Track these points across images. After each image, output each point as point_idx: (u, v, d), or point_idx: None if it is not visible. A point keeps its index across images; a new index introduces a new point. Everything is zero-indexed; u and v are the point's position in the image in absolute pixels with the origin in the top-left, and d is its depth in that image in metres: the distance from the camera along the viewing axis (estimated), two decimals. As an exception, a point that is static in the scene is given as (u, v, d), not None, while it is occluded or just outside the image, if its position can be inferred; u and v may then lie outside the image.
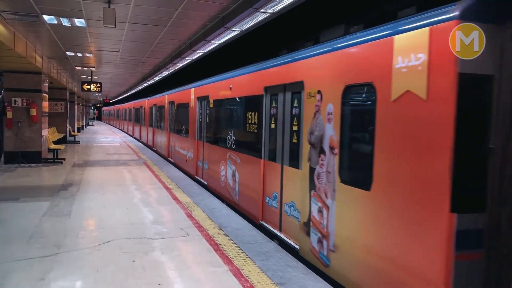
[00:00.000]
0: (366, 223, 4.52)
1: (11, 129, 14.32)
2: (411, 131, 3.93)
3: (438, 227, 3.59)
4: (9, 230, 6.70)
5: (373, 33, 4.65)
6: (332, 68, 5.36)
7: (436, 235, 3.60)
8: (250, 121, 8.07)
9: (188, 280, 4.85)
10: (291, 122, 6.55)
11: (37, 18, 9.14)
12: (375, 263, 4.35)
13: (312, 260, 5.64)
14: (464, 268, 3.52)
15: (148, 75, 21.36)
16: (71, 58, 15.73)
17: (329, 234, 5.19)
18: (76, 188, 10.32)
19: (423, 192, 3.77)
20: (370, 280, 4.41)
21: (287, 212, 6.51)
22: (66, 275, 4.90)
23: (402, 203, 4.01)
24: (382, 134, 4.32)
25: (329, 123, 5.26)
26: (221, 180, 9.83)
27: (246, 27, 8.64)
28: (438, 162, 3.60)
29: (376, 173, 4.35)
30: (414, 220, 3.83)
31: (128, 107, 36.65)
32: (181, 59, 13.53)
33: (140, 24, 9.79)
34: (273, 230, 6.98)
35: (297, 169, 6.18)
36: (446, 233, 3.51)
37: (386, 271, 4.19)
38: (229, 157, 9.24)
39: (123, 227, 6.92)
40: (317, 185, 5.52)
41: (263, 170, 7.47)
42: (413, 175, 3.89)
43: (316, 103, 5.59)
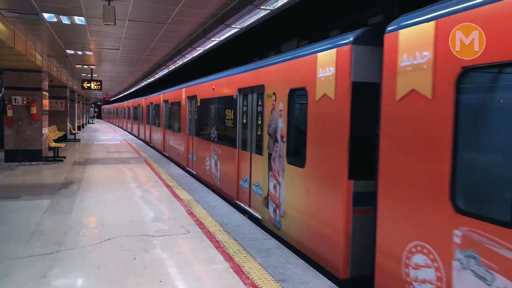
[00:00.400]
0: (301, 192, 6.08)
1: (12, 128, 14.32)
2: (325, 123, 5.47)
3: (340, 190, 5.09)
4: (10, 228, 6.71)
5: (306, 49, 6.12)
6: (282, 75, 6.82)
7: (340, 196, 5.11)
8: (228, 118, 9.57)
9: (189, 277, 4.85)
10: (256, 117, 7.99)
11: (37, 16, 9.12)
12: (306, 220, 5.93)
13: (270, 226, 7.12)
14: (359, 219, 4.98)
15: (148, 73, 21.34)
16: (71, 56, 15.71)
17: (280, 204, 6.74)
18: (77, 186, 10.33)
19: (332, 166, 5.30)
20: (303, 233, 5.99)
21: (254, 191, 7.98)
22: (67, 273, 4.91)
23: (321, 175, 5.59)
24: (311, 126, 5.84)
25: (280, 118, 6.78)
26: (207, 169, 11.37)
27: (246, 24, 8.61)
28: (340, 144, 5.13)
29: (308, 154, 5.89)
30: (327, 186, 5.40)
31: (127, 105, 38.30)
32: (181, 56, 13.51)
33: (140, 22, 9.77)
34: (244, 206, 8.41)
35: (261, 155, 7.63)
36: (346, 194, 5.02)
37: (312, 225, 5.76)
38: (213, 149, 10.84)
39: (124, 225, 6.93)
40: (273, 167, 7.05)
41: (238, 158, 8.96)
42: (326, 154, 5.45)
43: (272, 102, 7.08)
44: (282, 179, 6.66)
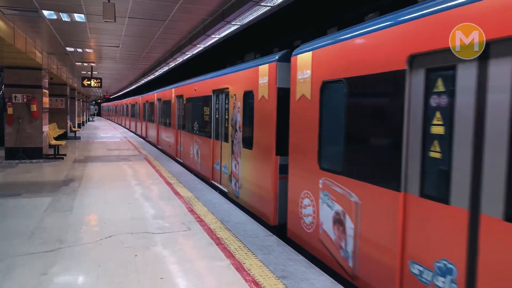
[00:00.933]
0: (248, 167, 8.21)
1: (12, 125, 14.32)
2: (263, 117, 7.43)
3: (272, 163, 7.09)
4: (12, 226, 6.72)
5: (253, 63, 8.12)
6: (239, 80, 8.83)
7: (271, 168, 7.10)
8: (206, 113, 11.54)
9: (190, 274, 4.86)
10: (225, 113, 9.94)
11: (36, 13, 9.11)
12: (252, 188, 8.06)
13: (232, 196, 9.13)
14: (282, 183, 6.95)
15: (148, 71, 21.33)
16: (71, 54, 15.70)
17: (239, 179, 8.77)
18: (78, 183, 10.34)
19: (267, 147, 7.27)
20: (252, 198, 8.04)
21: (223, 171, 9.96)
22: (68, 270, 4.92)
23: (261, 154, 7.57)
24: (256, 119, 7.76)
25: (238, 113, 8.73)
26: (191, 157, 13.37)
27: (246, 20, 8.60)
28: (271, 131, 7.09)
29: (254, 139, 7.88)
30: (265, 162, 7.38)
31: (125, 103, 40.13)
32: (181, 54, 13.50)
33: (140, 19, 9.76)
34: (216, 184, 10.43)
35: (227, 143, 9.54)
36: (274, 166, 7.04)
37: (255, 191, 7.87)
38: (195, 140, 12.83)
39: (125, 222, 6.93)
40: (234, 151, 9.03)
41: (212, 146, 10.92)
42: (264, 139, 7.40)
43: (234, 101, 8.99)
44: (239, 160, 8.72)
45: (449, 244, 3.53)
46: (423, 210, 3.81)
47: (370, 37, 4.65)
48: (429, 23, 3.76)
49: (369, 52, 4.61)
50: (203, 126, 11.90)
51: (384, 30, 4.41)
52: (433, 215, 3.71)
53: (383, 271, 4.26)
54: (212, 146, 10.84)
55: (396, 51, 4.16)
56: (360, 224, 4.64)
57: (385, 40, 4.39)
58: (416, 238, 3.88)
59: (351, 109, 4.95)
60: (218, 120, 10.49)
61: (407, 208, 3.99)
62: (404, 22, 4.13)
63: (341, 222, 4.99)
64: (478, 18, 3.21)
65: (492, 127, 3.19)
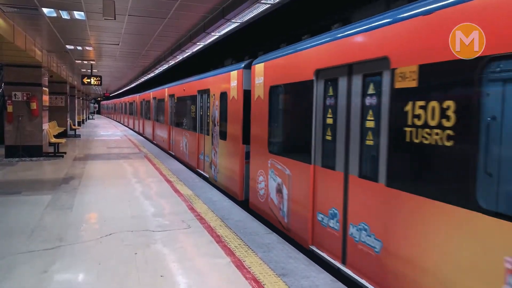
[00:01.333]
0: (223, 155, 10.01)
1: (12, 123, 14.32)
2: (233, 113, 9.10)
3: (240, 151, 8.82)
4: (12, 224, 6.72)
5: (226, 69, 9.86)
6: (217, 83, 10.56)
7: (239, 154, 8.82)
8: (192, 111, 13.33)
9: (191, 272, 4.86)
10: (207, 110, 11.70)
11: (36, 10, 9.09)
12: (226, 172, 9.87)
13: (212, 180, 11.01)
14: (247, 166, 8.55)
15: (148, 68, 21.30)
16: (71, 52, 15.68)
17: (217, 165, 10.61)
18: (78, 181, 10.34)
19: (236, 137, 8.98)
20: (225, 180, 9.89)
21: (206, 160, 11.78)
22: (69, 268, 4.92)
23: (232, 143, 9.31)
24: (229, 115, 9.45)
25: (216, 110, 10.52)
26: (181, 149, 15.18)
27: (246, 18, 8.58)
28: (239, 124, 8.80)
29: (227, 132, 9.62)
30: (234, 150, 9.12)
31: (123, 101, 42.21)
32: (181, 51, 13.49)
33: (140, 17, 9.74)
34: (200, 171, 12.34)
35: (209, 136, 11.43)
36: (241, 153, 8.75)
37: (228, 174, 9.65)
38: (184, 134, 14.66)
39: (125, 220, 6.93)
40: (214, 142, 10.91)
41: (198, 139, 12.71)
42: (234, 131, 9.11)
43: (213, 100, 10.80)
44: (217, 149, 10.57)
45: (335, 196, 5.31)
46: (323, 175, 5.64)
47: (295, 56, 6.46)
48: (325, 48, 5.56)
49: (295, 66, 6.42)
50: (190, 122, 13.65)
51: (302, 51, 6.21)
52: (327, 178, 5.52)
53: (302, 221, 6.09)
54: (198, 139, 12.66)
55: (308, 67, 5.93)
56: (291, 190, 6.45)
57: (302, 58, 6.18)
58: (320, 195, 5.70)
59: (285, 106, 6.91)
60: (202, 117, 12.30)
61: (315, 175, 5.83)
62: (311, 47, 5.95)
63: (280, 191, 6.83)
64: (342, 50, 5.17)
65: (353, 121, 4.98)
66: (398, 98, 4.14)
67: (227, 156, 9.71)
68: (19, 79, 14.37)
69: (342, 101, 5.18)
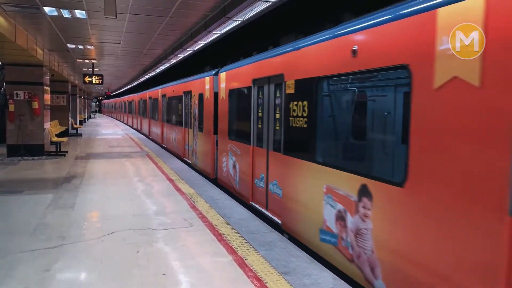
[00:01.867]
0: (201, 144, 12.35)
1: (14, 122, 14.34)
2: (208, 109, 11.41)
3: (212, 140, 11.20)
4: (14, 222, 6.73)
5: (202, 75, 12.22)
6: (196, 86, 12.97)
7: (211, 142, 11.20)
8: (179, 109, 15.72)
9: (193, 270, 4.86)
10: (189, 108, 13.99)
11: (37, 10, 9.09)
12: (202, 158, 12.25)
13: (193, 165, 13.36)
14: (216, 152, 10.88)
15: (149, 67, 21.29)
16: (72, 51, 15.68)
17: (196, 152, 12.93)
18: (79, 180, 10.35)
19: (209, 130, 11.32)
20: (203, 164, 12.19)
21: (189, 149, 14.25)
22: (71, 266, 4.93)
23: (207, 134, 11.65)
24: (204, 111, 11.75)
25: (196, 108, 12.88)
26: (171, 142, 17.77)
27: (247, 16, 8.57)
28: (211, 120, 11.17)
29: (204, 126, 11.92)
30: (208, 139, 11.53)
31: (123, 100, 44.89)
32: (182, 50, 13.47)
33: (141, 15, 9.73)
34: (185, 159, 14.76)
35: (191, 129, 13.73)
36: (213, 141, 11.13)
37: (204, 159, 12.04)
38: (173, 129, 17.13)
39: (127, 219, 6.94)
40: (194, 134, 13.26)
41: (183, 132, 15.14)
42: (208, 125, 11.40)
43: (194, 100, 13.16)
44: (197, 139, 12.98)
45: (262, 165, 7.70)
46: (257, 152, 8.02)
47: (242, 68, 8.83)
48: (257, 65, 7.97)
49: (242, 76, 8.82)
50: (178, 118, 16.13)
51: (246, 65, 8.60)
52: (259, 154, 7.90)
53: (246, 186, 8.54)
54: (183, 132, 15.16)
55: (249, 77, 8.33)
56: (240, 165, 8.90)
57: (246, 70, 8.55)
58: (255, 166, 8.10)
59: (237, 105, 9.27)
60: (186, 114, 14.65)
61: (253, 153, 8.19)
62: (250, 63, 8.37)
63: (235, 166, 9.33)
64: (265, 67, 7.56)
65: (270, 114, 7.42)
66: (287, 100, 6.53)
67: (203, 145, 12.18)
68: (20, 78, 14.38)
69: (265, 101, 7.61)
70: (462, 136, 3.30)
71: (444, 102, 3.47)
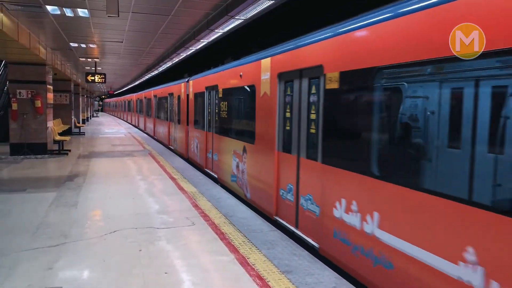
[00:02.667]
0: (178, 133, 16.79)
1: (17, 121, 14.37)
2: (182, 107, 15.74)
3: (185, 129, 15.17)
4: (17, 221, 6.75)
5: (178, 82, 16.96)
6: (176, 89, 16.84)
7: (185, 131, 15.34)
8: (166, 107, 19.45)
9: (195, 269, 4.85)
10: (172, 106, 17.78)
11: (40, 8, 9.10)
12: (180, 143, 16.52)
13: (175, 150, 17.26)
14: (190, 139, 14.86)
15: (152, 66, 21.32)
16: (75, 49, 15.71)
17: (176, 140, 17.38)
18: (82, 179, 10.37)
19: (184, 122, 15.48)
20: (180, 148, 16.46)
21: (172, 138, 18.30)
22: (73, 265, 4.93)
23: (182, 125, 15.69)
24: (181, 108, 16.01)
25: (176, 106, 16.89)
26: (161, 134, 21.30)
27: (250, 15, 8.55)
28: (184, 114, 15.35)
29: (180, 119, 16.12)
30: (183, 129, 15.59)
31: (122, 99, 50.04)
32: (184, 49, 13.48)
33: (144, 14, 9.73)
34: (170, 146, 18.32)
35: (173, 123, 17.62)
36: (186, 130, 15.10)
37: (181, 144, 16.31)
38: (162, 123, 20.90)
39: (129, 217, 6.94)
40: (175, 126, 17.18)
41: (168, 125, 18.71)
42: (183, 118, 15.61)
43: (175, 100, 16.99)
44: (176, 130, 16.79)
45: (210, 144, 11.95)
46: (208, 135, 12.06)
47: (201, 79, 12.17)
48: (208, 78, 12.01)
49: (200, 83, 12.40)
50: (165, 115, 19.99)
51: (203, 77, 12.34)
52: (208, 137, 12.03)
53: (204, 157, 12.30)
54: (168, 125, 18.86)
55: (203, 85, 12.02)
56: (199, 144, 12.74)
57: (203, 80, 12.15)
58: (207, 144, 12.13)
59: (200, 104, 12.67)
60: (170, 111, 18.42)
61: (207, 136, 12.08)
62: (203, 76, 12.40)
63: (197, 146, 13.08)
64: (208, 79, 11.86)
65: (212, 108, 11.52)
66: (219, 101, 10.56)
67: (180, 133, 16.24)
68: (23, 77, 14.42)
69: (210, 101, 11.44)
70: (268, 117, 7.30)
71: None
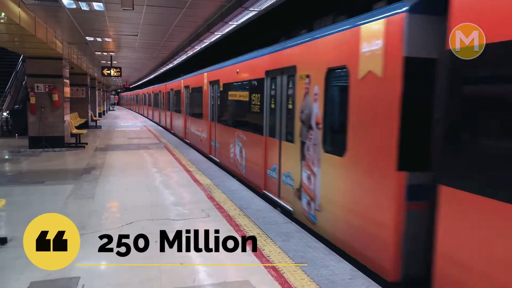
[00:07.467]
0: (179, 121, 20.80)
1: (35, 114, 14.61)
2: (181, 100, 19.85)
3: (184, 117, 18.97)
4: (35, 212, 6.82)
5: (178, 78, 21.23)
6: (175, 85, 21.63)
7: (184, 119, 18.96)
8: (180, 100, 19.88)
9: (210, 260, 4.88)
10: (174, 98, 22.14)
11: (56, 2, 9.17)
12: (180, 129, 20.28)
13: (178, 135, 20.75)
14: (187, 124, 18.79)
15: (167, 59, 21.39)
16: (91, 43, 15.84)
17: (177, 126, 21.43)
18: (99, 171, 10.50)
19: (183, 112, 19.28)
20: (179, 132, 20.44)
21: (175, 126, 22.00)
22: (91, 256, 5.00)
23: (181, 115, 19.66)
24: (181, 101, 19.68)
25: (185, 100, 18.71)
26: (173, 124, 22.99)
27: (264, 6, 8.47)
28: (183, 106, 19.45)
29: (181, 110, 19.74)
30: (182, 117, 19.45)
31: (137, 93, 52.10)
32: (199, 41, 13.46)
33: (158, 7, 9.73)
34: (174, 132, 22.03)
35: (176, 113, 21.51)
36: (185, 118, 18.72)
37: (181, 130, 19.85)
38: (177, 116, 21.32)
39: (145, 209, 7.01)
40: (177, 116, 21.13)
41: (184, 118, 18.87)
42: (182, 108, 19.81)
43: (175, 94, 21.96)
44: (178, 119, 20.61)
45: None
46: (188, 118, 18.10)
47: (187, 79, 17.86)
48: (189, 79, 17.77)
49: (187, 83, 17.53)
50: (173, 106, 22.41)
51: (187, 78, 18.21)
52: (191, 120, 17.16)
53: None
54: (184, 118, 18.95)
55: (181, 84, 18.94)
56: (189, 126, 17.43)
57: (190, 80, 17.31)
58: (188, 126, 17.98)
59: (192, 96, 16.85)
60: (179, 104, 20.09)
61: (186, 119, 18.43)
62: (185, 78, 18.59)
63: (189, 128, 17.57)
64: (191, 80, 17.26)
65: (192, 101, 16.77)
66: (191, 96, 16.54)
67: (180, 121, 19.34)
68: (41, 71, 14.62)
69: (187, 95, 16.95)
70: None
71: None
